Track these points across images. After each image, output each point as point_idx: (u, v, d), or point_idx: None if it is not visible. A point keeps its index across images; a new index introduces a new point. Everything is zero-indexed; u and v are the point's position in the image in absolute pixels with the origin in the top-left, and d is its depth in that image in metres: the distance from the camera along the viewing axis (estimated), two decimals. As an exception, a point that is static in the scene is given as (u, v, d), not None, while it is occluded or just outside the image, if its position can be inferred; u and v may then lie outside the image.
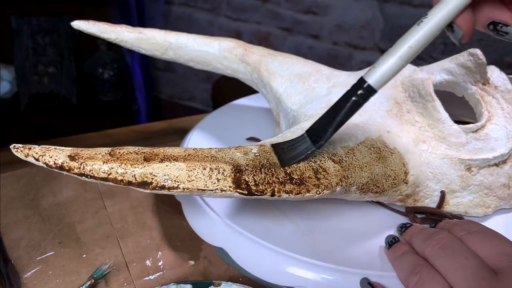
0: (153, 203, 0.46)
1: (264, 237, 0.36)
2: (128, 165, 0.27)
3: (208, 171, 0.29)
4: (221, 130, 0.52)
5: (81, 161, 0.27)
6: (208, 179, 0.28)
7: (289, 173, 0.30)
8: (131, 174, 0.27)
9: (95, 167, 0.27)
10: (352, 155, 0.34)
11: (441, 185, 0.39)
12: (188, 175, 0.28)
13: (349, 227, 0.38)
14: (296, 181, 0.30)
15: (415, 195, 0.39)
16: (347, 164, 0.33)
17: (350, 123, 0.37)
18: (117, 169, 0.27)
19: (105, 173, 0.27)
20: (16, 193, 0.46)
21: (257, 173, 0.30)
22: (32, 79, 1.72)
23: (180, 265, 0.39)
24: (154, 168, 0.28)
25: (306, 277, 0.34)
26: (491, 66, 0.45)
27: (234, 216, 0.38)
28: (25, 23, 1.65)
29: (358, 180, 0.33)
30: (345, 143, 0.35)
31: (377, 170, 0.35)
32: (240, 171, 0.29)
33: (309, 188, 0.30)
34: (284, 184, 0.30)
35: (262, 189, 0.29)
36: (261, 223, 0.38)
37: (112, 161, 0.27)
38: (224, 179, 0.29)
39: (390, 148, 0.37)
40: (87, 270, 0.37)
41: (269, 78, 0.46)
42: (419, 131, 0.39)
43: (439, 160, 0.39)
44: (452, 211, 0.39)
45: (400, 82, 0.43)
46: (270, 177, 0.30)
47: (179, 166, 0.28)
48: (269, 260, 0.35)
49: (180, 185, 0.28)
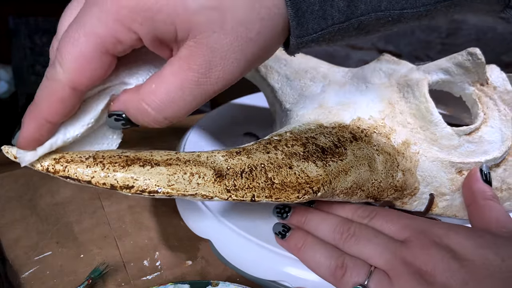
0: (150, 204, 0.46)
1: (249, 231, 0.36)
2: (111, 169, 0.28)
3: (188, 175, 0.29)
4: (219, 129, 0.52)
5: (65, 164, 0.28)
6: (188, 184, 0.29)
7: (270, 178, 0.31)
8: (113, 177, 0.28)
9: (79, 171, 0.28)
10: (337, 158, 0.34)
11: (430, 188, 0.39)
12: (169, 179, 0.28)
13: None
14: (276, 186, 0.30)
15: (403, 198, 0.38)
16: (330, 169, 0.33)
17: (336, 122, 0.37)
18: (99, 172, 0.28)
19: (88, 176, 0.28)
20: (14, 193, 0.46)
21: (237, 178, 0.30)
22: (29, 79, 1.72)
23: (177, 265, 0.39)
24: (136, 172, 0.28)
25: (287, 272, 0.34)
26: (492, 65, 0.45)
27: (222, 210, 0.39)
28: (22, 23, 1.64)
29: (342, 184, 0.33)
30: (329, 145, 0.35)
31: (362, 174, 0.34)
32: (220, 176, 0.30)
33: (289, 193, 0.31)
34: (264, 189, 0.30)
35: (242, 194, 0.30)
36: (248, 218, 0.38)
37: (95, 165, 0.28)
38: (204, 184, 0.29)
39: (378, 151, 0.36)
40: (84, 270, 0.37)
41: (266, 74, 0.45)
42: (411, 133, 0.39)
43: (429, 163, 0.38)
44: (441, 214, 0.39)
45: (396, 81, 0.42)
46: (251, 182, 0.30)
47: (160, 170, 0.29)
48: (252, 254, 0.36)
49: (160, 189, 0.28)
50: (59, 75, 0.25)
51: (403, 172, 0.37)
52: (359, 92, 0.41)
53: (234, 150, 0.32)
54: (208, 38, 0.24)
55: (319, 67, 0.46)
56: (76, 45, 0.24)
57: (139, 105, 0.26)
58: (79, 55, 0.24)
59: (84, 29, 0.24)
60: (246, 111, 0.57)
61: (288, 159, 0.32)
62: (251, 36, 0.25)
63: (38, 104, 0.26)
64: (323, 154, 0.33)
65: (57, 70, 0.25)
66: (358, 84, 0.43)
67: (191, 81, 0.25)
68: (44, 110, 0.26)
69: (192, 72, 0.25)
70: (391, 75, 0.43)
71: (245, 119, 0.55)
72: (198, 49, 0.25)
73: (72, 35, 0.24)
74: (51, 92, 0.25)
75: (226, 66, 0.25)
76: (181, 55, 0.25)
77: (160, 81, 0.26)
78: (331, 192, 0.33)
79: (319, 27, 0.27)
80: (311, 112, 0.39)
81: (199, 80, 0.25)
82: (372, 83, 0.42)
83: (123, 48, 0.25)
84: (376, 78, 0.43)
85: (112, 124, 0.28)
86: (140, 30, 0.24)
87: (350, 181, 0.34)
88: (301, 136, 0.35)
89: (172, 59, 0.26)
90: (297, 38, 0.27)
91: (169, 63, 0.26)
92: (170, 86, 0.25)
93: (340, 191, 0.33)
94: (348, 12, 0.26)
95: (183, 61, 0.25)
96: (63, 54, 0.25)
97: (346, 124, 0.38)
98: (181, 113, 0.27)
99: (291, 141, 0.34)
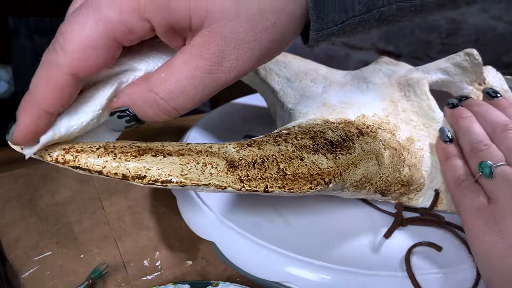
0: (150, 204, 0.46)
1: (253, 232, 0.36)
2: (123, 159, 0.28)
3: (201, 165, 0.29)
4: (219, 129, 0.52)
5: (75, 154, 0.27)
6: (201, 174, 0.28)
7: (282, 169, 0.31)
8: (125, 167, 0.27)
9: (90, 160, 0.27)
10: (345, 151, 0.34)
11: (436, 184, 0.39)
12: (182, 169, 0.28)
13: (339, 226, 0.39)
14: (289, 177, 0.30)
15: (409, 194, 0.39)
16: (340, 161, 0.33)
17: (342, 119, 0.38)
18: (111, 162, 0.27)
19: (100, 166, 0.27)
20: (13, 193, 0.46)
21: (250, 168, 0.30)
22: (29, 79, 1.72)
23: (178, 265, 0.39)
24: (148, 162, 0.28)
25: (292, 272, 0.34)
26: (488, 66, 0.45)
27: (225, 211, 0.39)
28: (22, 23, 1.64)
29: (351, 177, 0.33)
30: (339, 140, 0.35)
31: (371, 167, 0.35)
32: (233, 166, 0.30)
33: (302, 184, 0.31)
34: (277, 180, 0.30)
35: (255, 185, 0.29)
36: (252, 219, 0.38)
37: (106, 155, 0.28)
38: (217, 174, 0.29)
39: (384, 146, 0.37)
40: (84, 270, 0.37)
41: (266, 76, 0.46)
42: (414, 130, 0.40)
43: (433, 159, 0.39)
44: (446, 210, 0.39)
45: (396, 81, 0.43)
46: (263, 173, 0.30)
47: (172, 160, 0.28)
48: (256, 255, 0.35)
49: (173, 179, 0.28)
50: (59, 59, 0.23)
51: (409, 167, 0.37)
52: (361, 92, 0.42)
53: (245, 142, 0.32)
54: (223, 27, 0.24)
55: (318, 69, 0.46)
56: (83, 28, 0.23)
57: (148, 95, 0.25)
58: (84, 39, 0.23)
59: (94, 12, 0.23)
60: (246, 111, 0.57)
61: (299, 151, 0.32)
62: (267, 25, 0.25)
63: (34, 93, 0.24)
64: (332, 147, 0.33)
65: (57, 54, 0.23)
66: (359, 84, 0.43)
67: (202, 70, 0.25)
68: (41, 99, 0.24)
69: (204, 61, 0.24)
70: (391, 76, 0.44)
71: (245, 119, 0.55)
72: (212, 38, 0.24)
73: (79, 18, 0.23)
74: (49, 79, 0.24)
75: (240, 55, 0.25)
76: (194, 43, 0.25)
77: (170, 70, 0.25)
78: (342, 184, 0.33)
79: (340, 19, 0.26)
80: (316, 110, 0.39)
81: (211, 69, 0.25)
82: (373, 83, 0.43)
83: (133, 38, 0.24)
84: (376, 78, 0.43)
85: (115, 123, 0.27)
86: (154, 20, 0.24)
87: (360, 174, 0.34)
88: (309, 130, 0.35)
89: (184, 48, 0.25)
90: (317, 32, 0.26)
91: (181, 52, 0.25)
92: (181, 74, 0.25)
93: (350, 183, 0.33)
94: (369, 3, 0.26)
95: (195, 50, 0.25)
96: (66, 36, 0.23)
97: (351, 120, 0.38)
98: (192, 103, 0.26)
99: (300, 134, 0.34)
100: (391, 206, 0.40)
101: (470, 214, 0.33)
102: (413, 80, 0.42)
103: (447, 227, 0.37)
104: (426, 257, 0.35)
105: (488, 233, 0.31)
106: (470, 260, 0.34)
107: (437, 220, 0.38)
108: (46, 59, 0.24)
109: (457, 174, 0.36)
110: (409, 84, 0.42)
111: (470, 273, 0.34)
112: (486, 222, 0.32)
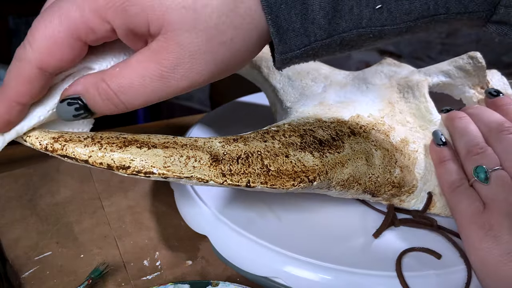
0: (150, 203, 0.46)
1: (247, 228, 0.37)
2: (108, 149, 0.28)
3: (184, 158, 0.29)
4: (219, 129, 0.52)
5: (63, 143, 0.28)
6: (184, 167, 0.29)
7: (266, 165, 0.31)
8: (110, 157, 0.28)
9: (77, 150, 0.28)
10: (334, 150, 0.34)
11: (429, 186, 0.39)
12: (165, 161, 0.29)
13: (331, 223, 0.39)
14: (272, 173, 0.31)
15: (401, 195, 0.38)
16: (327, 160, 0.33)
17: (335, 118, 0.38)
18: (97, 152, 0.28)
19: (86, 155, 0.28)
20: (13, 193, 0.46)
21: (233, 163, 0.30)
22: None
23: (177, 265, 0.39)
24: (133, 153, 0.28)
25: (281, 268, 0.34)
26: (493, 70, 0.45)
27: (219, 206, 0.39)
28: (22, 23, 1.64)
29: (338, 176, 0.33)
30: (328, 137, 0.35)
31: (359, 167, 0.35)
32: (217, 160, 0.30)
33: (285, 181, 0.31)
34: (259, 175, 0.30)
35: (237, 179, 0.30)
36: (246, 215, 0.38)
37: (92, 144, 0.28)
38: (200, 167, 0.29)
39: (376, 146, 0.36)
40: (84, 270, 0.37)
41: (269, 74, 0.46)
42: (409, 132, 0.39)
43: (428, 161, 0.39)
44: (440, 213, 0.39)
45: (396, 82, 0.43)
46: (247, 168, 0.30)
47: (156, 152, 0.29)
48: (249, 250, 0.36)
49: (155, 170, 0.28)
50: (28, 54, 0.25)
51: (401, 169, 0.37)
52: (360, 92, 0.42)
53: (231, 138, 0.32)
54: (179, 36, 0.25)
55: (320, 69, 0.46)
56: (48, 27, 0.25)
57: (100, 84, 0.26)
58: (50, 36, 0.25)
59: (59, 12, 0.25)
60: (246, 111, 0.57)
61: (285, 148, 0.32)
62: (223, 39, 0.26)
63: (6, 85, 0.26)
64: (320, 146, 0.34)
65: (26, 50, 0.25)
66: (359, 84, 0.43)
67: (153, 72, 0.26)
68: (13, 90, 0.26)
69: (156, 65, 0.25)
70: (392, 77, 0.44)
71: (245, 118, 0.55)
72: (168, 44, 0.25)
73: (46, 17, 0.25)
74: (19, 72, 0.26)
75: (194, 65, 0.26)
76: (150, 47, 0.26)
77: (125, 65, 0.26)
78: (327, 183, 0.33)
79: (302, 43, 0.27)
80: (311, 109, 0.39)
81: (162, 74, 0.26)
82: (373, 84, 0.43)
83: (96, 37, 0.26)
84: (377, 79, 0.43)
85: (63, 110, 0.28)
86: (114, 22, 0.25)
87: (347, 173, 0.34)
88: (299, 128, 0.35)
89: (142, 49, 0.26)
90: (281, 54, 0.28)
91: (138, 52, 0.26)
92: (133, 72, 0.26)
93: (336, 182, 0.33)
94: (330, 29, 0.27)
95: (150, 52, 0.26)
96: (34, 34, 0.25)
97: (344, 120, 0.38)
98: (139, 101, 0.27)
99: (288, 132, 0.34)
100: (385, 206, 0.40)
101: (465, 220, 0.33)
102: (412, 82, 0.41)
103: (439, 231, 0.37)
104: (418, 258, 0.35)
105: (483, 240, 0.31)
106: (461, 263, 0.34)
107: (429, 223, 0.38)
108: (17, 55, 0.26)
109: (451, 179, 0.36)
110: (408, 85, 0.42)
111: (461, 275, 0.34)
112: (482, 228, 0.32)
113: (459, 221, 0.34)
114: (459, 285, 0.33)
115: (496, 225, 0.31)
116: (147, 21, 0.25)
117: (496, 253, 0.30)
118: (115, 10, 0.24)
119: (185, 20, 0.25)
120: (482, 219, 0.32)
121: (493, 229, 0.31)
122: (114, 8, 0.24)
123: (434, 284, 0.33)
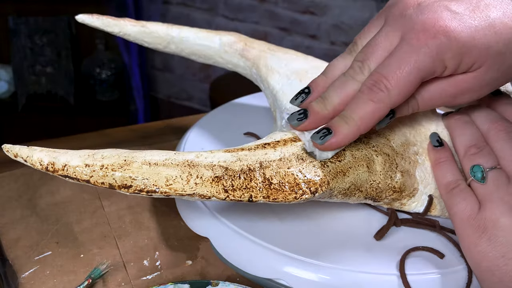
0: (150, 203, 0.46)
1: (247, 229, 0.37)
2: (109, 168, 0.28)
3: (186, 175, 0.29)
4: (219, 129, 0.52)
5: (64, 163, 0.28)
6: (186, 184, 0.29)
7: (268, 178, 0.31)
8: (111, 177, 0.28)
9: (78, 170, 0.28)
10: (335, 159, 0.34)
11: (430, 189, 0.39)
12: (167, 179, 0.29)
13: (333, 223, 0.39)
14: (274, 187, 0.31)
15: (402, 199, 0.38)
16: (328, 170, 0.33)
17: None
18: (98, 172, 0.28)
19: (87, 175, 0.28)
20: (13, 193, 0.46)
21: (235, 178, 0.30)
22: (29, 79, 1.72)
23: (177, 265, 0.39)
24: (134, 171, 0.28)
25: (284, 270, 0.34)
26: None
27: (220, 208, 0.39)
28: (22, 23, 1.64)
29: (340, 185, 0.33)
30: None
31: (361, 175, 0.34)
32: (218, 176, 0.30)
33: (287, 194, 0.31)
34: (262, 189, 0.30)
35: (240, 195, 0.30)
36: (247, 216, 0.38)
37: (93, 164, 0.28)
38: (202, 184, 0.29)
39: (377, 152, 0.36)
40: (84, 270, 0.37)
41: (267, 74, 0.45)
42: (410, 134, 0.39)
43: (428, 164, 0.38)
44: (440, 216, 0.39)
45: None
46: (248, 182, 0.30)
47: (158, 170, 0.29)
48: (250, 252, 0.36)
49: (157, 189, 0.28)
50: (385, 99, 0.31)
51: (402, 174, 0.37)
52: None
53: (233, 150, 0.32)
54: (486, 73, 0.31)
55: (320, 67, 0.46)
56: (403, 77, 0.30)
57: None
58: (406, 84, 0.31)
59: (409, 65, 0.30)
60: (246, 111, 0.57)
61: (287, 160, 0.32)
62: (503, 69, 0.32)
63: (356, 119, 0.31)
64: None
65: (384, 95, 0.31)
66: None
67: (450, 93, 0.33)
68: (362, 125, 0.31)
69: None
70: None
71: (245, 119, 0.55)
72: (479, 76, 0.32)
73: (396, 70, 0.31)
74: (373, 112, 0.31)
75: (482, 93, 0.33)
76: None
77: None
78: (329, 193, 0.33)
79: None
80: None
81: (456, 95, 0.33)
82: None
83: (432, 77, 0.32)
84: None
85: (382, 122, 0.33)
86: (450, 64, 0.31)
87: (348, 182, 0.34)
88: (299, 138, 0.35)
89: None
90: None
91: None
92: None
93: (338, 191, 0.33)
94: None
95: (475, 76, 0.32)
96: (392, 83, 0.31)
97: None
98: (428, 106, 0.34)
99: (289, 142, 0.34)
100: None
101: (461, 223, 0.33)
102: None
103: (441, 232, 0.37)
104: (421, 258, 0.35)
105: (478, 243, 0.31)
106: (463, 262, 0.35)
107: (431, 224, 0.38)
108: (373, 98, 0.31)
109: (447, 180, 0.36)
110: None
111: (462, 275, 0.34)
112: (476, 231, 0.32)
113: (455, 223, 0.34)
114: (459, 285, 0.33)
115: (491, 226, 0.31)
116: (473, 62, 0.31)
117: (491, 256, 0.30)
118: (453, 54, 0.30)
119: (497, 63, 0.31)
120: (477, 221, 0.32)
121: (487, 230, 0.31)
122: (454, 52, 0.30)
123: (435, 284, 0.33)
